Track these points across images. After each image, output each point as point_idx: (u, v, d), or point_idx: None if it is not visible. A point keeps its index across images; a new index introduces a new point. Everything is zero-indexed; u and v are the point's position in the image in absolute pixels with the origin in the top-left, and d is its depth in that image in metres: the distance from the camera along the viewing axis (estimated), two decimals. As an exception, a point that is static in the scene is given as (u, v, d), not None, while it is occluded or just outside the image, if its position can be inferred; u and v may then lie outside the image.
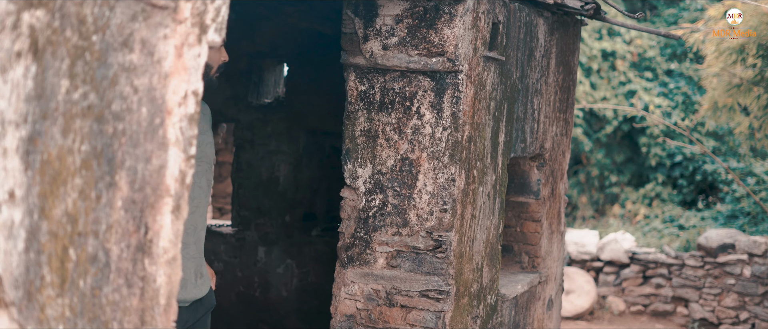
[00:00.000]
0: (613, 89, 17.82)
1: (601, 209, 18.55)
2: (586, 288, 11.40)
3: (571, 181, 18.81)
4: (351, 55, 4.74)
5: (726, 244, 10.95)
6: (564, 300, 11.33)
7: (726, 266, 10.94)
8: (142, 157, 2.42)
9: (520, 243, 6.24)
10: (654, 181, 17.39)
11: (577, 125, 17.54)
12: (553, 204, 6.46)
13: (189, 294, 3.75)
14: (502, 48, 5.08)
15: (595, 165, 18.21)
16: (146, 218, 2.48)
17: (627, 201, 17.61)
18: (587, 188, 18.82)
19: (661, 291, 11.43)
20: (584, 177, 18.72)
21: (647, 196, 17.40)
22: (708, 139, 16.91)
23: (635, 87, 17.54)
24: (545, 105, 6.03)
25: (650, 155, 17.29)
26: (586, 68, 17.78)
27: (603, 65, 17.94)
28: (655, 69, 18.23)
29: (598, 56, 17.89)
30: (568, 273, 11.49)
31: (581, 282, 11.45)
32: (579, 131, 17.46)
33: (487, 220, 5.15)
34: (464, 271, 4.85)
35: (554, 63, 6.14)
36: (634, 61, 18.31)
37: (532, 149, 5.87)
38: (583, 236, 12.19)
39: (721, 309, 10.97)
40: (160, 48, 2.49)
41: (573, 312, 11.34)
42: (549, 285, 6.48)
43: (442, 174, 4.63)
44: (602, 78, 17.96)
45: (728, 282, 10.91)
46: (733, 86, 10.88)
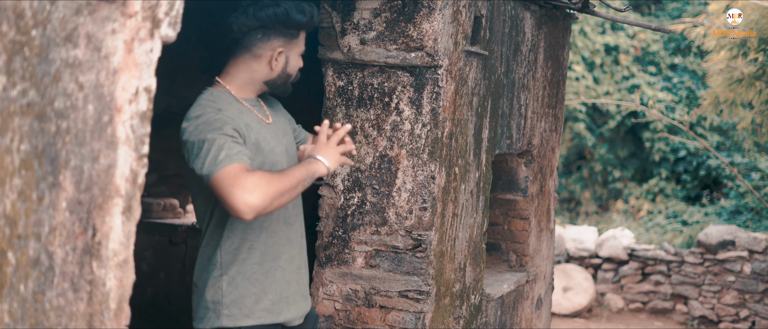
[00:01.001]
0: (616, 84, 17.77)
1: (604, 205, 18.51)
2: (585, 286, 11.35)
3: (575, 176, 18.78)
4: (328, 50, 4.69)
5: (726, 241, 10.90)
6: (562, 298, 11.28)
7: (726, 263, 10.89)
8: (88, 156, 2.36)
9: (508, 241, 6.18)
10: (658, 176, 17.33)
11: (579, 119, 17.51)
12: (542, 201, 6.39)
13: (300, 310, 3.64)
14: (485, 42, 5.01)
15: (599, 160, 18.17)
16: (94, 220, 2.42)
17: (630, 197, 17.56)
18: (590, 184, 18.79)
19: (660, 289, 11.38)
20: (587, 172, 18.69)
21: (651, 191, 17.35)
22: (712, 134, 16.85)
23: (638, 81, 17.49)
24: (533, 100, 5.97)
25: (654, 150, 17.24)
26: (588, 63, 17.75)
27: (606, 60, 17.89)
28: (659, 63, 18.18)
29: (601, 50, 17.85)
30: (566, 270, 11.44)
31: (579, 279, 11.40)
32: (582, 126, 17.42)
33: (470, 218, 5.09)
34: (445, 271, 4.79)
35: (542, 58, 6.07)
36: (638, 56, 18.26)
37: (519, 146, 5.80)
38: (581, 233, 12.14)
39: (720, 307, 10.91)
40: (107, 43, 2.43)
41: (571, 309, 11.30)
42: (538, 284, 6.42)
43: (422, 172, 4.57)
44: (605, 72, 17.91)
45: (728, 280, 10.86)
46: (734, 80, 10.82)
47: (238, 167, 3.06)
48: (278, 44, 3.46)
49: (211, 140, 3.11)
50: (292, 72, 3.56)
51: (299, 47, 3.55)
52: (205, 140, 3.13)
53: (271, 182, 3.06)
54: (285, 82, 3.55)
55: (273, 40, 3.45)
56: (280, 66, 3.49)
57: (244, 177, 3.02)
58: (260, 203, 3.02)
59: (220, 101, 3.33)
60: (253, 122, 3.39)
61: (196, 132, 3.17)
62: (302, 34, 3.53)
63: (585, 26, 17.83)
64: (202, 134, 3.14)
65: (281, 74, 3.51)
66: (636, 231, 13.99)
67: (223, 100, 3.36)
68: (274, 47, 3.45)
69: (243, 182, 3.01)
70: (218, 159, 3.06)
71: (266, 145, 3.40)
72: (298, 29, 3.49)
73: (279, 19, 3.40)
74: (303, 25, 3.48)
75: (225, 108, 3.28)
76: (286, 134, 3.63)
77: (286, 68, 3.51)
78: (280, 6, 3.40)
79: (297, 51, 3.54)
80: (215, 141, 3.10)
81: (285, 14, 3.40)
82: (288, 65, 3.51)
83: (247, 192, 3.00)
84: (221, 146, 3.10)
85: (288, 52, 3.50)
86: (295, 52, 3.53)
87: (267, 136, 3.43)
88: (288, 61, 3.51)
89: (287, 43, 3.48)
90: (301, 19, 3.44)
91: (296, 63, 3.56)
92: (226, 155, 3.07)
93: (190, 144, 3.17)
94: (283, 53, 3.47)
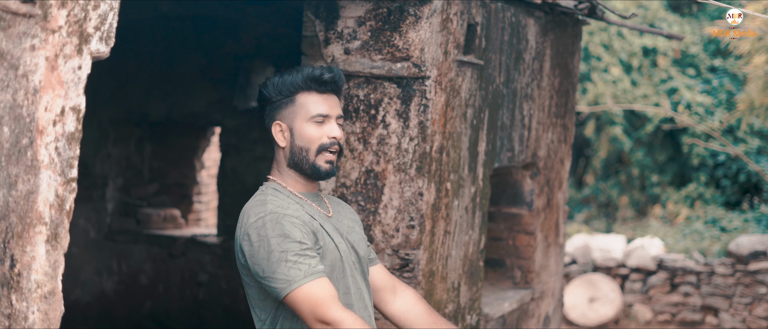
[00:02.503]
0: (654, 87, 17.53)
1: (642, 210, 18.28)
2: (611, 296, 11.13)
3: (612, 181, 18.59)
4: (312, 59, 4.53)
5: (757, 251, 10.63)
6: (588, 309, 11.08)
7: (758, 274, 10.62)
8: (4, 182, 2.24)
9: (513, 257, 6.01)
10: (696, 181, 17.07)
11: (616, 123, 17.31)
12: (550, 215, 6.21)
13: None
14: (480, 51, 4.84)
15: (636, 165, 17.94)
16: (12, 250, 2.30)
17: (668, 202, 17.32)
18: (628, 189, 18.57)
19: (689, 300, 11.13)
20: (625, 177, 18.46)
21: (689, 196, 17.10)
22: (753, 138, 16.57)
23: (677, 84, 17.23)
24: (538, 111, 5.79)
25: (692, 154, 16.98)
26: (626, 65, 17.53)
27: (644, 62, 17.66)
28: (698, 66, 17.91)
29: (639, 53, 17.63)
30: (593, 280, 11.23)
31: (606, 289, 11.18)
32: (619, 130, 17.21)
33: (465, 235, 4.92)
34: (436, 291, 4.62)
35: (549, 66, 5.89)
36: (677, 58, 18.01)
37: (522, 158, 5.62)
38: (608, 242, 11.92)
39: (752, 319, 10.65)
40: (26, 60, 2.30)
41: (597, 320, 11.09)
42: (545, 301, 6.23)
43: (409, 188, 4.41)
44: (643, 75, 17.67)
45: (760, 291, 10.59)
46: (770, 84, 10.60)
47: (311, 288, 2.80)
48: (276, 117, 3.03)
49: (280, 251, 2.83)
50: (306, 144, 3.00)
51: (304, 113, 3.00)
52: (272, 251, 2.83)
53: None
54: (305, 159, 3.01)
55: (272, 114, 3.04)
56: (288, 141, 3.02)
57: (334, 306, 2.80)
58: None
59: (277, 197, 3.00)
60: (314, 213, 3.02)
61: (258, 240, 2.87)
62: (303, 96, 3.01)
63: (622, 28, 17.62)
64: (266, 241, 2.85)
65: (294, 150, 3.01)
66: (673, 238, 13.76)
67: (281, 193, 3.02)
68: (273, 120, 3.04)
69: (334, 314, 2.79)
70: (294, 276, 2.81)
71: (330, 240, 3.00)
72: (292, 93, 3.02)
73: (268, 91, 3.04)
74: (298, 85, 3.01)
75: (284, 203, 2.96)
76: (352, 231, 3.17)
77: (294, 141, 3.01)
78: (267, 78, 3.10)
79: (303, 117, 3.00)
80: (287, 253, 2.82)
81: (267, 82, 3.06)
82: (294, 138, 3.01)
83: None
84: (295, 260, 2.82)
85: (290, 121, 3.01)
86: (300, 120, 3.00)
87: (329, 229, 3.03)
88: (293, 133, 3.01)
89: (285, 113, 3.02)
90: (293, 79, 3.01)
91: (308, 132, 3.01)
92: (306, 272, 2.81)
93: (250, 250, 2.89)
94: (279, 124, 3.02)
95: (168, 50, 7.31)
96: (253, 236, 2.85)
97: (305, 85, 3.00)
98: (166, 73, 7.32)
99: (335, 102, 3.07)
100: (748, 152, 15.67)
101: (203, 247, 7.21)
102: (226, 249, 7.14)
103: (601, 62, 17.33)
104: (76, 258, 7.54)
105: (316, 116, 2.99)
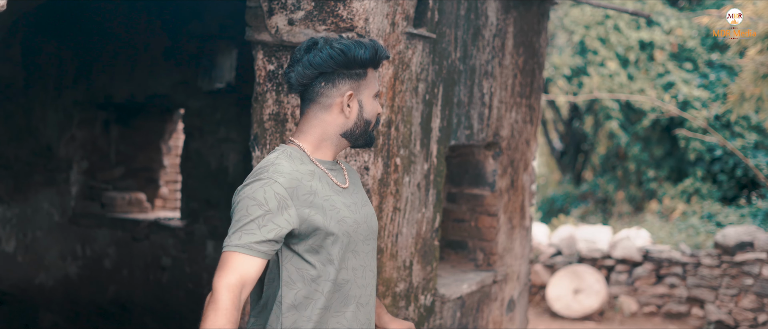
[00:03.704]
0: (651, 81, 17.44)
1: (639, 206, 18.20)
2: (596, 288, 11.04)
3: (608, 176, 18.52)
4: (256, 31, 4.44)
5: (744, 242, 10.53)
6: (572, 300, 11.00)
7: (744, 265, 10.52)
8: None
9: (475, 239, 5.91)
10: (693, 176, 16.98)
11: (612, 117, 17.23)
12: (514, 197, 6.11)
13: None
14: (432, 25, 4.75)
15: (633, 160, 17.86)
16: None
17: (665, 197, 17.23)
18: (624, 184, 18.49)
19: (675, 291, 11.04)
20: (621, 173, 18.38)
21: (686, 192, 17.00)
22: (750, 133, 16.46)
23: (674, 79, 17.13)
24: (501, 89, 5.69)
25: (689, 149, 16.88)
26: (623, 59, 17.44)
27: (641, 56, 17.57)
28: (696, 60, 17.81)
29: (636, 47, 17.54)
30: (577, 271, 11.15)
31: (591, 281, 11.10)
32: (615, 124, 17.13)
33: (418, 213, 4.83)
34: (385, 269, 4.53)
35: (512, 44, 5.79)
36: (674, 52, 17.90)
37: (483, 137, 5.53)
38: (594, 233, 11.83)
39: (738, 311, 10.55)
40: None
41: (582, 312, 11.01)
42: (509, 285, 6.14)
43: (355, 162, 4.32)
44: (639, 69, 17.58)
45: (746, 283, 10.49)
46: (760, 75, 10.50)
47: (242, 259, 2.88)
48: (346, 88, 3.09)
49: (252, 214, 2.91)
50: (371, 117, 3.16)
51: (371, 88, 3.14)
52: (240, 208, 2.94)
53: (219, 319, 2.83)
54: (365, 131, 3.17)
55: (339, 84, 3.09)
56: (355, 113, 3.12)
57: (236, 281, 2.86)
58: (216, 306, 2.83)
59: (290, 161, 3.04)
60: (322, 187, 3.05)
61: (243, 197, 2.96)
62: (371, 72, 3.13)
63: (619, 21, 17.54)
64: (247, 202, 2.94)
65: (358, 122, 3.13)
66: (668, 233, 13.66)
67: (296, 159, 3.06)
68: (343, 92, 3.09)
69: (230, 283, 2.85)
70: (230, 239, 2.91)
71: (335, 213, 3.04)
72: (363, 67, 3.10)
73: (337, 61, 3.05)
74: (367, 62, 3.09)
75: (289, 172, 2.99)
76: (365, 205, 3.24)
77: (362, 114, 3.13)
78: (334, 46, 3.05)
79: (369, 92, 3.14)
80: (241, 217, 2.91)
81: (342, 53, 3.04)
82: (363, 110, 3.13)
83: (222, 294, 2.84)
84: (241, 224, 2.90)
85: (359, 95, 3.11)
86: (367, 94, 3.13)
87: (338, 204, 3.07)
88: (362, 106, 3.12)
89: (356, 85, 3.10)
90: (363, 55, 3.07)
91: (372, 107, 3.17)
92: (239, 237, 2.90)
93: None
94: (353, 97, 3.10)
95: (132, 31, 7.23)
96: (240, 192, 2.96)
97: (374, 61, 3.13)
98: (129, 54, 7.24)
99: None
100: (744, 147, 15.58)
101: (167, 231, 7.12)
102: (189, 233, 7.06)
103: (597, 56, 17.27)
104: (40, 242, 7.47)
105: (377, 93, 3.19)
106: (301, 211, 2.95)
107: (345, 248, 3.04)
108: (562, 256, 11.70)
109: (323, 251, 3.01)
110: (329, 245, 3.01)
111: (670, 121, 15.89)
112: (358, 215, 3.12)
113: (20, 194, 7.52)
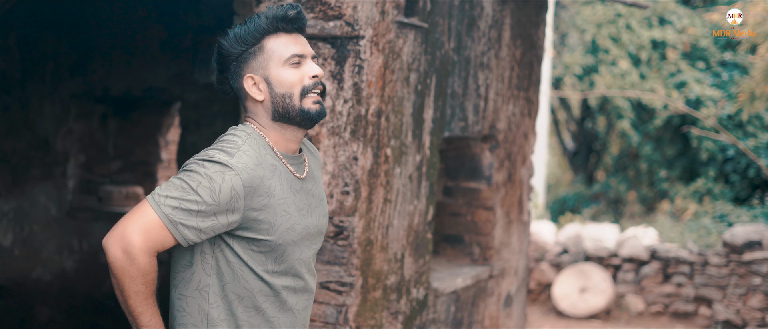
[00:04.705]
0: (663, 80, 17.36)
1: (651, 206, 18.12)
2: (603, 286, 10.97)
3: (620, 176, 18.46)
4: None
5: (752, 241, 10.45)
6: (578, 299, 10.93)
7: (752, 264, 10.43)
8: None
9: (471, 233, 5.86)
10: (705, 176, 16.90)
11: (624, 117, 17.16)
12: (512, 191, 6.06)
13: None
14: (424, 14, 4.70)
15: (644, 160, 17.79)
16: None
17: (676, 197, 17.16)
18: (636, 184, 18.43)
19: (682, 291, 10.96)
20: (633, 173, 18.32)
21: (698, 192, 16.92)
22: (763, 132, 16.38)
23: (686, 78, 17.05)
24: (497, 81, 5.64)
25: (701, 149, 16.80)
26: (634, 58, 17.38)
27: (653, 55, 17.50)
28: (708, 59, 17.72)
29: (648, 45, 17.47)
30: (584, 269, 11.08)
31: (597, 279, 11.03)
32: (627, 124, 17.07)
33: (410, 205, 4.78)
34: (375, 261, 4.48)
35: (509, 35, 5.74)
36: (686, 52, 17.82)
37: (478, 129, 5.48)
38: (601, 232, 11.76)
39: (746, 311, 10.46)
40: None
41: (588, 311, 10.93)
42: (506, 280, 6.08)
43: (343, 152, 4.28)
44: (651, 68, 17.51)
45: (754, 282, 10.40)
46: (770, 73, 10.44)
47: (158, 225, 2.61)
48: (246, 70, 2.79)
49: (187, 181, 2.65)
50: (287, 88, 2.78)
51: (276, 57, 2.77)
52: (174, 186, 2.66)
53: (137, 286, 2.65)
54: (290, 106, 2.79)
55: (239, 72, 2.81)
56: (266, 93, 2.78)
57: (144, 240, 2.61)
58: (117, 265, 2.62)
59: (256, 152, 2.75)
60: (279, 186, 2.77)
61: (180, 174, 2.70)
62: (271, 40, 2.78)
63: (631, 20, 17.48)
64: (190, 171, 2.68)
65: (275, 101, 2.79)
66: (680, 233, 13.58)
67: (262, 148, 2.78)
68: (244, 76, 2.80)
69: (136, 240, 2.60)
70: (164, 199, 2.63)
71: (285, 220, 2.78)
72: (254, 42, 2.78)
73: (224, 53, 2.80)
74: (257, 35, 2.77)
75: (253, 168, 2.71)
76: (320, 203, 2.98)
77: (273, 90, 2.78)
78: (219, 40, 2.81)
79: (275, 63, 2.77)
80: (187, 187, 2.63)
81: (224, 44, 2.79)
82: (272, 86, 2.77)
83: (125, 248, 2.60)
84: (182, 196, 2.63)
85: (262, 72, 2.77)
86: (273, 66, 2.77)
87: (291, 207, 2.80)
88: (269, 82, 2.77)
89: (254, 65, 2.78)
90: (247, 31, 2.77)
91: (285, 76, 2.78)
92: (172, 206, 2.62)
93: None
94: (255, 78, 2.78)
95: (128, 23, 7.21)
96: (183, 169, 2.71)
97: (271, 27, 2.76)
98: (126, 47, 7.22)
99: (304, 41, 2.84)
100: (757, 147, 15.49)
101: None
102: (186, 227, 7.03)
103: (609, 55, 17.22)
104: (37, 236, 7.45)
105: (292, 58, 2.78)
106: (248, 214, 2.70)
107: (288, 252, 2.81)
108: (569, 254, 11.63)
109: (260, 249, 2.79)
110: (270, 248, 2.77)
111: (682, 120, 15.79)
112: (308, 220, 2.87)
113: (17, 188, 7.50)
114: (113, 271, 2.62)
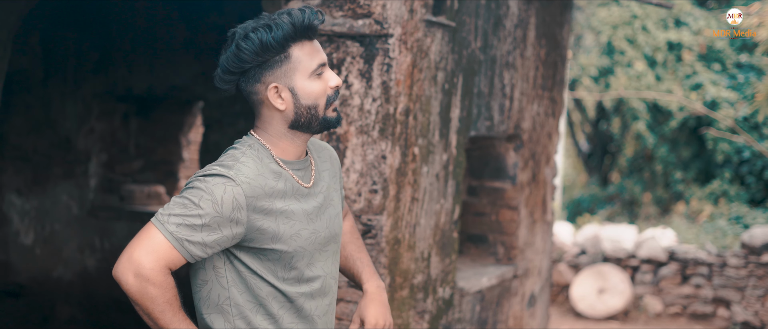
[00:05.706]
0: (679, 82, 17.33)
1: (666, 208, 18.08)
2: (621, 288, 10.95)
3: (635, 178, 18.42)
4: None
5: (771, 242, 10.43)
6: (596, 300, 10.91)
7: (771, 266, 10.42)
8: None
9: (496, 233, 5.85)
10: (721, 178, 16.86)
11: (639, 118, 17.13)
12: (536, 191, 6.05)
13: None
14: (452, 13, 4.69)
15: (660, 161, 17.76)
16: None
17: (692, 199, 17.11)
18: (651, 186, 18.39)
19: (700, 292, 10.93)
20: (649, 174, 18.28)
21: (713, 193, 16.88)
22: (782, 134, 16.36)
23: (702, 80, 17.01)
24: (522, 81, 5.63)
25: (717, 151, 16.75)
26: (650, 59, 17.34)
27: (669, 57, 17.46)
28: (724, 61, 17.68)
29: (664, 47, 17.43)
30: (602, 270, 11.06)
31: (616, 280, 11.01)
32: (642, 125, 17.04)
33: (436, 204, 4.77)
34: (402, 260, 4.48)
35: (534, 35, 5.73)
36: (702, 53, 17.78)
37: (504, 129, 5.47)
38: (619, 233, 11.74)
39: (764, 312, 10.44)
40: None
41: (606, 312, 10.92)
42: (530, 280, 6.07)
43: (372, 151, 4.28)
44: (667, 70, 17.48)
45: (773, 284, 10.39)
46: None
47: (164, 244, 2.57)
48: (269, 80, 2.68)
49: (188, 199, 2.62)
50: (313, 100, 2.73)
51: (303, 68, 2.70)
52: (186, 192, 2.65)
53: (161, 306, 2.59)
54: (313, 117, 2.75)
55: (261, 78, 2.70)
56: (290, 103, 2.71)
57: (154, 260, 2.56)
58: (134, 289, 2.54)
59: (256, 162, 2.71)
60: (282, 195, 2.73)
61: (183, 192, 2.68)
62: (297, 49, 2.69)
63: (647, 22, 17.44)
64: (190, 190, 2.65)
65: (298, 111, 2.73)
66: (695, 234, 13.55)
67: (264, 157, 2.75)
68: (268, 84, 2.69)
69: (145, 261, 2.55)
70: (167, 218, 2.61)
71: (289, 227, 2.74)
72: (282, 50, 2.67)
73: (243, 59, 2.66)
74: (284, 42, 2.67)
75: (254, 178, 2.68)
76: (330, 204, 2.94)
77: (299, 101, 2.71)
78: (240, 43, 2.67)
79: (302, 74, 2.70)
80: (189, 202, 2.61)
81: (246, 51, 2.66)
82: (299, 97, 2.71)
83: (136, 271, 2.55)
84: (185, 212, 2.60)
85: (287, 82, 2.68)
86: (300, 77, 2.70)
87: (298, 213, 2.76)
88: (295, 93, 2.70)
89: (279, 73, 2.69)
90: (274, 38, 2.64)
91: (312, 88, 2.72)
92: (176, 224, 2.58)
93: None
94: (280, 88, 2.68)
95: (151, 22, 7.22)
96: (184, 188, 2.68)
97: (298, 35, 2.67)
98: (149, 45, 7.23)
99: (320, 47, 2.78)
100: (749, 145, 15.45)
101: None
102: (208, 226, 7.04)
103: (624, 57, 17.18)
104: (59, 235, 7.46)
105: (318, 69, 2.72)
106: (252, 223, 2.67)
107: (298, 261, 2.78)
108: (587, 255, 11.61)
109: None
110: (279, 256, 2.74)
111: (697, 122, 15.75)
112: (316, 224, 2.82)
113: (39, 187, 7.51)
114: (132, 299, 2.56)
